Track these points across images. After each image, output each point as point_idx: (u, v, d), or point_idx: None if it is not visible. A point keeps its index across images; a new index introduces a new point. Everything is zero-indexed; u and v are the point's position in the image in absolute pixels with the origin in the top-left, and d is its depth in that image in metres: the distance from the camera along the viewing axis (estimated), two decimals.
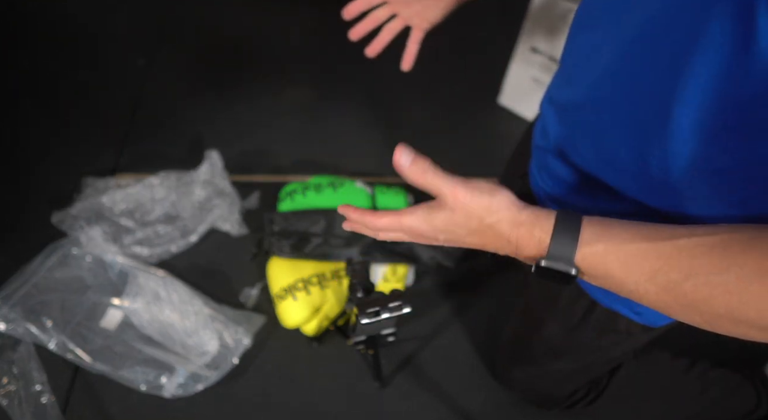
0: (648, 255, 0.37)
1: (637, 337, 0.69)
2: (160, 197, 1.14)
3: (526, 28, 1.30)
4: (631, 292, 0.39)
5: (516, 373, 0.86)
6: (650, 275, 0.37)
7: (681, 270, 0.36)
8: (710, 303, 0.35)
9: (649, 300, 0.38)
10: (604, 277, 0.40)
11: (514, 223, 0.43)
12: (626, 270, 0.38)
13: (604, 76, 0.47)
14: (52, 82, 1.45)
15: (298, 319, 0.97)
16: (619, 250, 0.38)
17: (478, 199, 0.44)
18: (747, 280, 0.33)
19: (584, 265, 0.40)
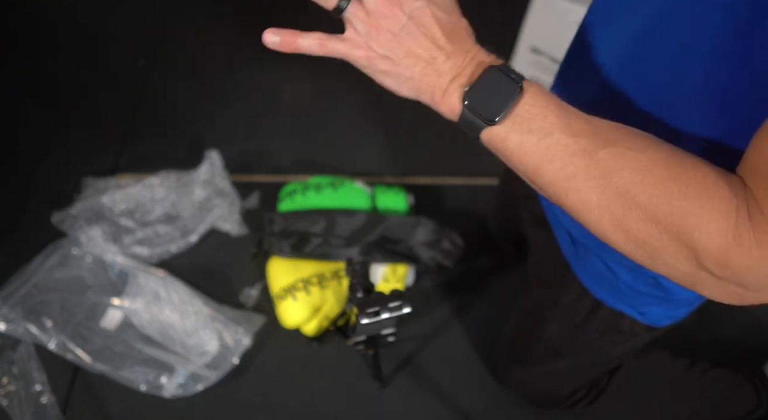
0: (586, 117, 0.37)
1: (640, 337, 0.69)
2: (160, 197, 1.14)
3: (526, 28, 1.30)
4: (549, 146, 0.36)
5: (516, 373, 0.86)
6: (578, 132, 0.36)
7: (607, 139, 0.36)
8: (615, 176, 0.35)
9: (562, 160, 0.36)
10: (537, 118, 0.37)
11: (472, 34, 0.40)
12: (561, 116, 0.36)
13: (618, 70, 0.47)
14: (52, 82, 1.45)
15: (298, 319, 0.97)
16: (555, 103, 0.37)
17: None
18: (656, 162, 0.34)
19: (530, 91, 0.37)
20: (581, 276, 0.65)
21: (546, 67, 1.32)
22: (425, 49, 0.39)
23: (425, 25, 0.38)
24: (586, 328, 0.69)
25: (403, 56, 0.39)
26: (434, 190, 1.26)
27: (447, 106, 0.40)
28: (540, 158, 0.37)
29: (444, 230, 1.06)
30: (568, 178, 0.36)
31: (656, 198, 0.34)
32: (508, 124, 0.37)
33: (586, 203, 0.36)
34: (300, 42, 0.43)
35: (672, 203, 0.33)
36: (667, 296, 0.60)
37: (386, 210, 1.09)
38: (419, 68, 0.39)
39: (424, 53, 0.39)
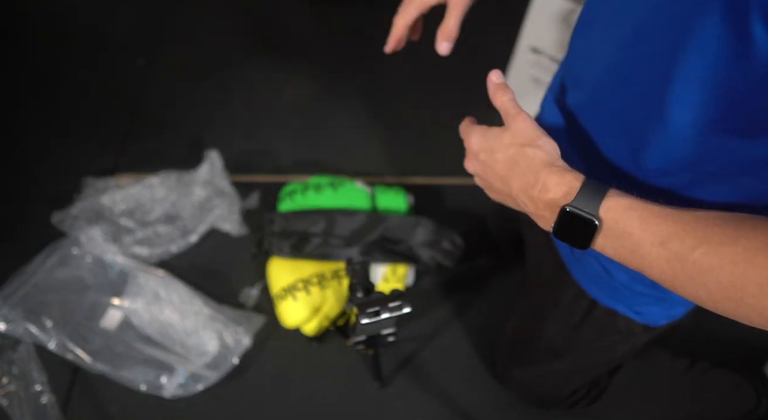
0: (668, 218, 0.38)
1: (638, 337, 0.69)
2: (160, 197, 1.14)
3: (526, 28, 1.30)
4: (643, 256, 0.39)
5: (516, 373, 0.86)
6: (666, 238, 0.37)
7: (695, 237, 0.36)
8: (715, 273, 0.35)
9: (660, 267, 0.38)
10: (622, 236, 0.40)
11: (549, 162, 0.44)
12: (645, 229, 0.38)
13: (602, 78, 0.47)
14: (52, 82, 1.45)
15: (298, 319, 0.97)
16: (643, 208, 0.39)
17: (533, 128, 0.46)
18: (753, 251, 0.34)
19: (607, 216, 0.40)
20: (578, 276, 0.65)
21: (546, 67, 1.32)
22: (505, 195, 0.51)
23: (497, 182, 0.50)
24: (584, 329, 0.69)
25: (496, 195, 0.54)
26: (434, 190, 1.26)
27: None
28: (639, 266, 0.40)
29: (444, 230, 1.06)
30: (671, 280, 0.38)
31: (764, 286, 0.33)
32: (600, 241, 0.42)
33: (697, 298, 0.38)
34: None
35: None
36: (664, 295, 0.60)
37: (386, 210, 1.09)
38: (512, 203, 0.51)
39: (508, 198, 0.51)
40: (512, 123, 0.48)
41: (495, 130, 0.49)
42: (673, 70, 0.39)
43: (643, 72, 0.42)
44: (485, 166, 0.50)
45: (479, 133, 0.51)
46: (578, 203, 0.41)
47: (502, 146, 0.48)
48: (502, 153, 0.47)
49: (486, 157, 0.49)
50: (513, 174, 0.46)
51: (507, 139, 0.47)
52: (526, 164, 0.45)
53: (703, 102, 0.38)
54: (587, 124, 0.52)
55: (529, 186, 0.45)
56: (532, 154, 0.45)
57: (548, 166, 0.44)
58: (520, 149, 0.46)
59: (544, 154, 0.45)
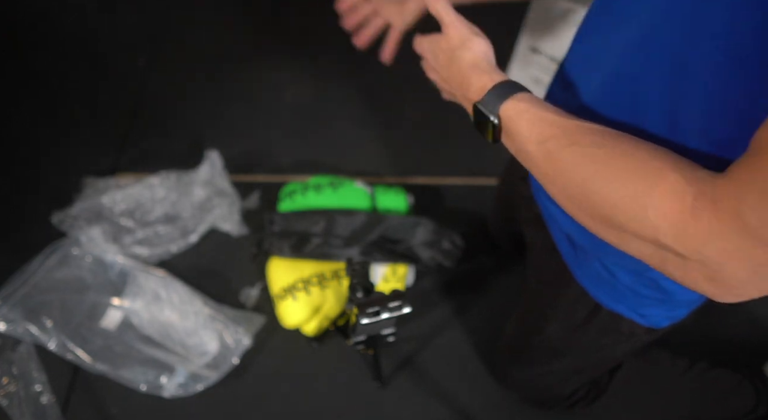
0: (552, 122, 0.42)
1: (640, 339, 0.69)
2: (160, 197, 1.14)
3: (526, 28, 1.30)
4: (528, 153, 0.44)
5: (516, 373, 0.86)
6: (545, 138, 0.42)
7: (570, 139, 0.41)
8: (573, 170, 0.40)
9: (538, 164, 0.43)
10: (513, 134, 0.45)
11: (475, 63, 0.49)
12: (530, 129, 0.43)
13: (605, 81, 0.47)
14: (52, 82, 1.45)
15: (298, 319, 0.97)
16: (534, 111, 0.43)
17: (464, 31, 0.51)
18: (608, 157, 0.38)
19: (504, 116, 0.45)
20: (580, 278, 0.65)
21: (546, 67, 1.32)
22: (451, 94, 0.56)
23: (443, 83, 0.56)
24: (585, 330, 0.69)
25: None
26: (434, 190, 1.26)
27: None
28: (526, 162, 0.45)
29: (444, 230, 1.06)
30: (544, 175, 0.43)
31: (610, 183, 0.37)
32: (503, 138, 0.47)
33: (559, 196, 0.43)
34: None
35: (626, 187, 0.36)
36: (667, 297, 0.60)
37: (386, 210, 1.09)
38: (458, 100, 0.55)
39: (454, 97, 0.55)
40: (446, 29, 0.53)
41: (436, 36, 0.55)
42: (681, 71, 0.39)
43: (652, 74, 0.42)
44: (433, 68, 0.56)
45: (427, 40, 0.56)
46: (483, 102, 0.46)
47: (441, 50, 0.53)
48: (442, 56, 0.53)
49: (432, 60, 0.55)
50: (450, 74, 0.52)
51: (444, 44, 0.53)
52: (457, 66, 0.50)
53: (709, 101, 0.38)
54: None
55: (460, 85, 0.50)
56: (461, 56, 0.50)
57: (473, 67, 0.49)
58: (453, 53, 0.51)
59: (471, 55, 0.50)
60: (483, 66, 0.49)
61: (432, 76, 0.58)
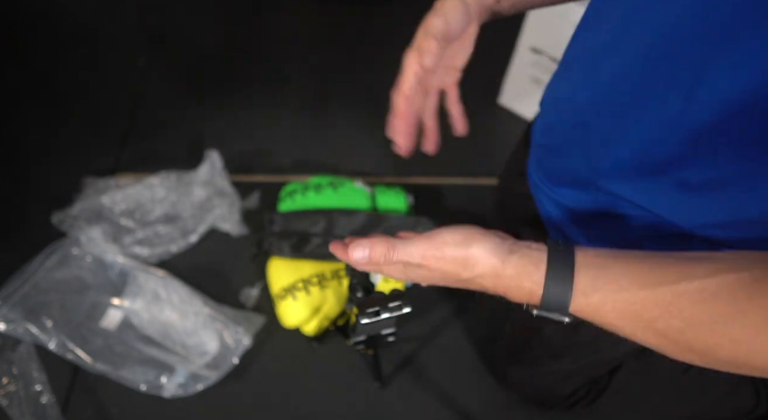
0: (646, 303, 0.35)
1: None
2: (160, 197, 1.14)
3: (526, 28, 1.30)
4: (627, 335, 0.38)
5: (516, 372, 0.86)
6: (648, 323, 0.35)
7: (683, 318, 0.34)
8: (715, 351, 0.34)
9: (647, 342, 0.37)
10: (601, 324, 0.38)
11: (497, 276, 0.40)
12: (623, 318, 0.36)
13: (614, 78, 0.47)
14: (52, 82, 1.45)
15: (298, 319, 0.97)
16: (615, 300, 0.36)
17: (452, 257, 0.41)
18: (754, 329, 0.32)
19: (579, 314, 0.38)
20: None
21: (546, 67, 1.32)
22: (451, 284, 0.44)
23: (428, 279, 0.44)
24: (583, 330, 0.69)
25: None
26: (434, 190, 1.26)
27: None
28: (627, 337, 0.38)
29: None
30: (663, 350, 0.37)
31: (746, 345, 0.33)
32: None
33: (688, 361, 0.37)
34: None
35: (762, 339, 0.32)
36: None
37: (386, 210, 1.09)
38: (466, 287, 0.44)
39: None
40: (426, 266, 0.42)
41: (420, 271, 0.43)
42: (700, 79, 0.37)
43: (667, 76, 0.41)
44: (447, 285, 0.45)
45: (397, 267, 0.45)
46: (545, 308, 0.39)
47: (441, 280, 0.44)
48: (449, 281, 0.44)
49: (444, 284, 0.45)
50: (474, 288, 0.44)
51: (438, 276, 0.43)
52: (477, 285, 0.43)
53: (725, 111, 0.36)
54: (588, 122, 0.52)
55: (488, 290, 0.43)
56: (474, 278, 0.41)
57: (499, 280, 0.40)
58: (458, 278, 0.42)
59: (485, 273, 0.40)
60: (509, 272, 0.39)
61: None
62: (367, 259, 0.42)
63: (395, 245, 0.41)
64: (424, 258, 0.41)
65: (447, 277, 0.42)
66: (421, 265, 0.41)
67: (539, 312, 0.39)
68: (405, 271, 0.44)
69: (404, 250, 0.41)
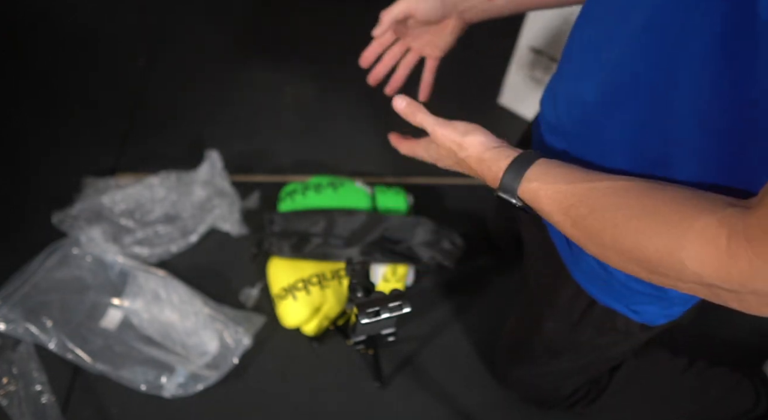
0: (567, 194, 0.44)
1: (636, 336, 0.69)
2: (160, 197, 1.14)
3: (526, 28, 1.30)
4: (557, 223, 0.46)
5: (516, 372, 0.86)
6: (566, 209, 0.44)
7: (587, 206, 0.43)
8: (601, 235, 0.42)
9: (568, 230, 0.45)
10: (539, 209, 0.47)
11: (479, 159, 0.51)
12: (551, 204, 0.45)
13: (610, 71, 0.47)
14: (52, 82, 1.45)
15: (298, 319, 0.97)
16: (547, 189, 0.46)
17: (452, 136, 0.53)
18: (629, 217, 0.39)
19: (525, 197, 0.48)
20: (576, 275, 0.65)
21: (546, 67, 1.32)
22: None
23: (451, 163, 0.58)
24: (582, 328, 0.69)
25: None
26: (434, 190, 1.26)
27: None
28: (557, 227, 0.47)
29: (444, 230, 1.06)
30: (578, 239, 0.45)
31: (641, 242, 0.39)
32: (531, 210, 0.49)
33: (598, 256, 0.45)
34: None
35: (656, 243, 0.38)
36: (662, 294, 0.60)
37: (386, 210, 1.09)
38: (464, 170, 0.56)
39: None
40: (434, 137, 0.55)
41: (426, 143, 0.59)
42: (681, 58, 0.39)
43: (654, 63, 0.42)
44: (448, 166, 0.58)
45: (422, 148, 0.61)
46: (502, 190, 0.49)
47: (441, 156, 0.57)
48: (448, 158, 0.56)
49: (439, 162, 0.59)
50: (464, 170, 0.56)
51: (442, 151, 0.56)
52: (467, 166, 0.54)
53: (707, 93, 0.39)
54: (588, 120, 0.52)
55: (476, 176, 0.54)
56: (465, 158, 0.53)
57: (479, 162, 0.51)
58: (455, 156, 0.54)
59: (472, 155, 0.52)
60: (487, 156, 0.51)
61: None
62: (404, 106, 0.59)
63: (422, 110, 0.57)
64: (434, 131, 0.55)
65: (450, 154, 0.55)
66: (434, 140, 0.56)
67: (498, 192, 0.49)
68: (427, 148, 0.59)
69: (426, 116, 0.56)
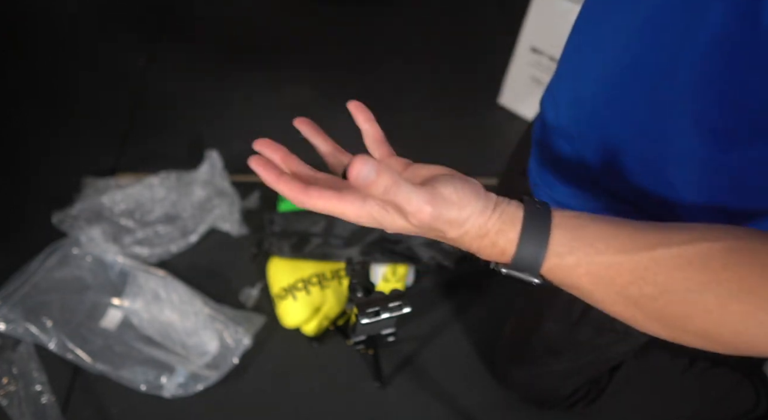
0: (621, 269, 0.34)
1: (636, 337, 0.69)
2: (160, 197, 1.14)
3: (526, 28, 1.30)
4: (597, 302, 0.36)
5: (516, 372, 0.86)
6: (621, 288, 0.34)
7: (657, 285, 0.33)
8: (684, 321, 0.33)
9: (618, 311, 0.35)
10: (571, 288, 0.37)
11: (481, 236, 0.38)
12: (596, 283, 0.35)
13: (611, 69, 0.47)
14: (52, 82, 1.45)
15: (298, 319, 0.97)
16: (590, 263, 0.34)
17: (447, 218, 0.37)
18: (726, 299, 0.31)
19: (550, 275, 0.37)
20: None
21: (546, 67, 1.32)
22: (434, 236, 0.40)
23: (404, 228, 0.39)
24: (581, 328, 0.69)
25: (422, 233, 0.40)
26: None
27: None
28: (596, 304, 0.37)
29: None
30: (632, 321, 0.36)
31: (746, 330, 0.32)
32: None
33: (650, 331, 0.36)
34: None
35: (732, 315, 0.31)
36: None
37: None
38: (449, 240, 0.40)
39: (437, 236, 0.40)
40: (418, 217, 0.36)
41: (400, 219, 0.39)
42: (681, 57, 0.39)
43: (654, 62, 0.42)
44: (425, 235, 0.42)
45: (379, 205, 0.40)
46: (515, 268, 0.37)
47: (397, 226, 0.39)
48: (430, 234, 0.40)
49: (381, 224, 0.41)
50: (430, 236, 0.41)
51: (423, 229, 0.39)
52: (458, 244, 0.41)
53: (709, 96, 0.38)
54: (588, 120, 0.52)
55: (463, 248, 0.41)
56: (458, 238, 0.39)
57: (477, 239, 0.38)
58: (443, 236, 0.39)
59: (469, 232, 0.38)
60: (488, 228, 0.38)
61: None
62: (370, 181, 0.32)
63: (400, 186, 0.33)
64: (420, 211, 0.35)
65: (429, 232, 0.39)
66: (409, 215, 0.36)
67: (508, 271, 0.38)
68: (383, 212, 0.38)
69: (407, 195, 0.34)
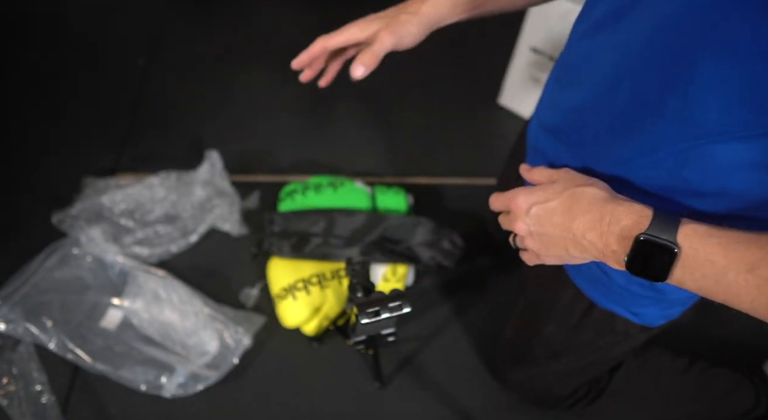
0: (751, 243, 0.35)
1: (636, 337, 0.69)
2: (160, 197, 1.14)
3: (526, 28, 1.30)
4: (729, 285, 0.36)
5: (516, 373, 0.86)
6: (754, 264, 0.35)
7: None
8: None
9: (750, 294, 0.35)
10: (704, 265, 0.37)
11: (612, 196, 0.43)
12: (728, 256, 0.35)
13: (606, 80, 0.47)
14: (52, 82, 1.45)
15: (298, 319, 0.97)
16: (722, 234, 0.36)
17: (580, 174, 0.47)
18: None
19: (686, 244, 0.37)
20: (575, 278, 0.65)
21: (546, 67, 1.32)
22: (560, 255, 0.49)
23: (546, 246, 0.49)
24: (581, 329, 0.69)
25: (555, 258, 0.50)
26: (434, 190, 1.26)
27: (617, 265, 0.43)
28: (724, 296, 0.37)
29: (444, 230, 1.06)
30: (765, 307, 0.35)
31: None
32: (678, 273, 0.39)
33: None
34: None
35: None
36: (661, 296, 0.60)
37: (386, 210, 1.09)
38: (574, 248, 0.47)
39: (569, 244, 0.46)
40: (558, 174, 0.49)
41: (541, 185, 0.49)
42: (690, 74, 0.38)
43: (656, 75, 0.42)
44: (539, 218, 0.47)
45: (524, 191, 0.49)
46: (653, 230, 0.38)
47: (556, 193, 0.46)
48: (558, 199, 0.46)
49: (539, 209, 0.47)
50: (575, 214, 0.44)
51: (559, 187, 0.47)
52: (588, 201, 0.44)
53: (729, 104, 0.37)
54: (586, 123, 0.52)
55: (596, 221, 0.43)
56: (592, 192, 0.44)
57: (613, 199, 0.42)
58: (577, 189, 0.45)
59: (604, 191, 0.44)
60: (623, 198, 0.43)
61: (530, 228, 0.49)
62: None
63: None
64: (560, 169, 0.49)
65: (567, 182, 0.47)
66: (559, 177, 0.48)
67: (647, 235, 0.39)
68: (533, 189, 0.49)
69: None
